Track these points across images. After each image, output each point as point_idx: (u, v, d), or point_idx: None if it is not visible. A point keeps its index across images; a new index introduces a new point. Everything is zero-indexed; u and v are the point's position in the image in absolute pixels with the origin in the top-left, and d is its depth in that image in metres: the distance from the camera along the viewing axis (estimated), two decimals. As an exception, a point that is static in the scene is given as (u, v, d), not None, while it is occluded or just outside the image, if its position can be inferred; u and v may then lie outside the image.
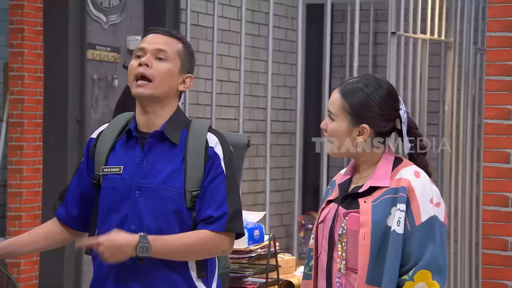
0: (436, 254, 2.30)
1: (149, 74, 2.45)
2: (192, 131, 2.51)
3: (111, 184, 2.47)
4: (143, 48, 2.48)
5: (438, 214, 2.33)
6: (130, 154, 2.48)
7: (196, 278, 2.49)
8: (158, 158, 2.47)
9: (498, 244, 3.59)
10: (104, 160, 2.50)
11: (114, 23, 5.58)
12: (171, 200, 2.44)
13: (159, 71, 2.46)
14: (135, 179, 2.45)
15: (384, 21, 6.42)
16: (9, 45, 5.24)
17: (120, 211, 2.45)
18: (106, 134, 2.54)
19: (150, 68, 2.45)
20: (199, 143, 2.48)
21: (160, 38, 2.49)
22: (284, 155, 6.88)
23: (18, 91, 5.21)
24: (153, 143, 2.48)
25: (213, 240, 2.45)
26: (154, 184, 2.45)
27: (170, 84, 2.48)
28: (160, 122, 2.49)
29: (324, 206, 2.46)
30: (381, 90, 2.40)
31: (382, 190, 2.35)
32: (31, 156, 5.22)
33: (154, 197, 2.44)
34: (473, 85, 6.21)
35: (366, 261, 2.31)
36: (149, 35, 2.52)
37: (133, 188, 2.45)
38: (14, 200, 5.20)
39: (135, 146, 2.49)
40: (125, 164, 2.47)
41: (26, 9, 5.15)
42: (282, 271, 4.07)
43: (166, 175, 2.45)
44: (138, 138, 2.48)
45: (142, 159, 2.47)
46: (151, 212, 2.44)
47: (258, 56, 6.57)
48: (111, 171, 2.48)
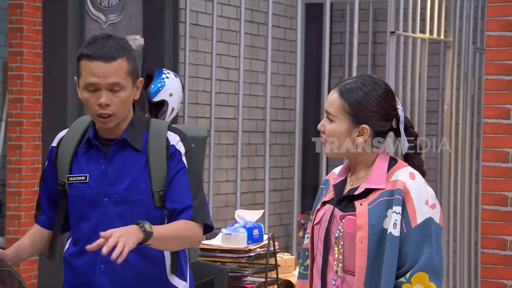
0: (432, 256, 2.30)
1: (111, 112, 2.47)
2: (152, 133, 2.54)
3: (78, 192, 2.52)
4: (96, 84, 2.46)
5: (433, 215, 2.33)
6: (93, 162, 2.52)
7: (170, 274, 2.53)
8: (122, 164, 2.51)
9: (497, 244, 3.58)
10: (68, 168, 2.54)
11: (113, 23, 5.58)
12: (139, 203, 2.49)
13: (118, 104, 2.47)
14: (102, 186, 2.50)
15: (383, 20, 6.41)
16: (8, 44, 5.23)
17: (90, 219, 2.48)
18: (66, 142, 2.57)
19: (110, 105, 2.46)
20: (160, 143, 2.52)
21: (107, 68, 2.45)
22: (283, 155, 6.88)
23: (17, 90, 5.21)
24: (116, 150, 2.52)
25: (193, 228, 2.48)
26: (121, 189, 2.49)
27: (128, 106, 2.51)
28: (119, 131, 2.52)
29: (320, 208, 2.46)
30: (379, 89, 2.40)
31: (378, 192, 2.35)
32: (30, 156, 5.22)
33: (123, 202, 2.49)
34: (472, 84, 6.21)
35: (364, 264, 2.31)
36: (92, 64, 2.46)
37: (101, 196, 2.50)
38: (13, 200, 5.20)
39: (98, 154, 2.53)
40: (89, 172, 2.52)
41: (25, 9, 5.15)
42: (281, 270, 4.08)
43: (131, 179, 2.49)
44: (99, 146, 2.52)
45: (107, 166, 2.51)
46: (121, 217, 2.48)
47: (257, 55, 6.56)
48: (76, 180, 2.52)
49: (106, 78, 2.45)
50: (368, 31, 6.96)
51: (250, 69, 6.49)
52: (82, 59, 2.49)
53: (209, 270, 3.75)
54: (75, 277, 2.53)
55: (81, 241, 2.50)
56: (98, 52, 2.46)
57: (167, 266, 2.53)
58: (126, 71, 2.47)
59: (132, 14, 5.72)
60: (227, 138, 6.33)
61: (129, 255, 2.36)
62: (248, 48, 6.35)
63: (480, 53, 6.23)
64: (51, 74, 5.24)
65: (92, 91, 2.47)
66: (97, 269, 2.49)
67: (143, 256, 2.50)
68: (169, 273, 2.53)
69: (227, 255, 3.86)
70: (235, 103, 6.19)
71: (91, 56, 2.46)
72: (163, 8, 5.76)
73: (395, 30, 5.48)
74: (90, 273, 2.50)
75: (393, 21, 5.56)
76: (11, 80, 5.22)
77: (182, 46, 5.84)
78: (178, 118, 5.59)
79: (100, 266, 2.49)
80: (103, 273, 2.48)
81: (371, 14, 6.97)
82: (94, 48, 2.47)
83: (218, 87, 6.21)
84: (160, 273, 2.52)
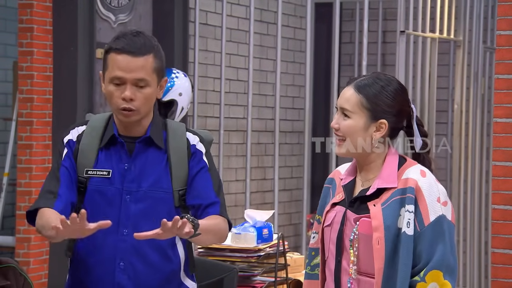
0: (446, 253, 2.30)
1: (134, 107, 2.47)
2: (171, 132, 2.55)
3: (98, 188, 2.50)
4: (122, 78, 2.45)
5: (445, 213, 2.33)
6: (116, 159, 2.50)
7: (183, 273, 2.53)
8: (145, 162, 2.50)
9: (507, 243, 3.58)
10: (91, 163, 2.51)
11: (123, 22, 5.58)
12: (162, 201, 2.49)
13: (143, 100, 2.47)
14: (125, 183, 2.48)
15: (393, 19, 6.40)
16: (18, 44, 5.25)
17: (108, 216, 2.44)
18: (87, 137, 2.54)
19: (135, 100, 2.46)
20: (181, 142, 2.53)
21: (134, 62, 2.44)
22: (293, 154, 6.87)
23: (27, 90, 5.22)
24: (140, 148, 2.51)
25: (223, 223, 2.51)
26: (144, 187, 2.49)
27: (152, 103, 2.51)
28: (142, 129, 2.52)
29: (329, 209, 2.44)
30: (393, 84, 2.40)
31: (390, 192, 2.34)
32: (40, 155, 5.23)
33: (146, 200, 2.48)
34: (482, 83, 6.19)
35: (381, 265, 2.30)
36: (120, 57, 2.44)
37: (123, 193, 2.48)
38: (23, 199, 5.22)
39: (121, 151, 2.51)
40: (112, 169, 2.50)
41: (35, 8, 5.16)
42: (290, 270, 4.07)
43: (154, 178, 2.49)
44: (124, 143, 2.51)
45: (130, 164, 2.50)
46: (144, 215, 2.47)
47: (267, 55, 6.56)
48: (97, 174, 2.50)
49: (132, 72, 2.44)
50: (378, 30, 6.94)
51: (260, 69, 6.49)
52: (110, 52, 2.47)
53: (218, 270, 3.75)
54: (87, 273, 2.50)
55: (98, 237, 2.44)
56: (127, 47, 2.45)
57: (181, 265, 2.53)
58: (152, 68, 2.47)
59: (142, 13, 5.73)
60: (237, 138, 6.33)
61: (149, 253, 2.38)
62: (258, 48, 6.35)
63: (491, 52, 6.21)
64: (61, 73, 5.25)
65: (117, 85, 2.46)
66: (116, 266, 2.47)
67: (162, 254, 2.49)
68: (182, 273, 2.53)
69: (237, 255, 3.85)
70: (245, 103, 6.19)
71: (119, 49, 2.45)
72: (172, 8, 5.77)
73: (405, 29, 5.47)
74: (107, 270, 2.47)
75: (403, 20, 5.54)
76: (21, 80, 5.24)
77: (191, 45, 5.85)
78: (187, 118, 5.60)
79: (119, 264, 2.47)
80: (122, 271, 2.46)
81: (381, 13, 6.95)
82: (123, 42, 2.46)
83: (228, 86, 6.21)
84: (176, 272, 2.52)
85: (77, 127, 2.59)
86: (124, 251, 2.46)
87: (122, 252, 2.46)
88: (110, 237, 2.44)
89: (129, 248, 2.46)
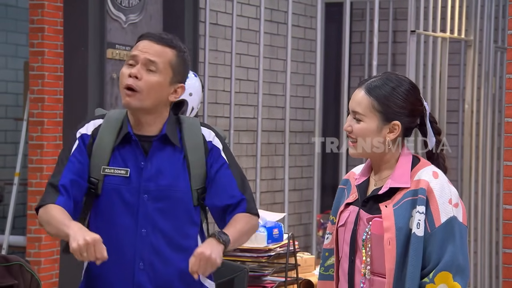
0: (455, 255, 2.28)
1: (137, 86, 2.43)
2: (186, 129, 2.51)
3: (115, 186, 2.45)
4: (135, 56, 2.45)
5: (457, 214, 2.32)
6: (131, 157, 2.46)
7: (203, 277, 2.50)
8: (162, 161, 2.46)
9: (518, 244, 3.56)
10: (106, 161, 2.46)
11: (134, 22, 5.60)
12: (180, 200, 2.45)
13: (148, 83, 2.43)
14: (142, 182, 2.44)
15: (404, 19, 6.39)
16: (29, 44, 5.27)
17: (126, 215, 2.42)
18: (103, 133, 2.49)
19: (139, 80, 2.43)
20: (197, 139, 2.50)
21: (152, 47, 2.45)
22: (303, 154, 6.87)
23: (38, 90, 5.24)
24: (157, 146, 2.47)
25: (251, 220, 2.47)
26: (162, 186, 2.45)
27: (158, 95, 2.46)
28: (154, 129, 2.48)
29: (343, 209, 2.44)
30: (405, 84, 2.38)
31: (402, 193, 2.33)
32: (51, 155, 5.25)
33: (163, 199, 2.44)
34: (493, 83, 6.17)
35: (393, 266, 2.29)
36: (142, 42, 2.47)
37: (141, 192, 2.44)
38: (34, 199, 5.23)
39: (136, 149, 2.47)
40: (128, 167, 2.46)
41: (46, 9, 5.17)
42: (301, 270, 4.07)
43: (172, 176, 2.46)
44: (138, 142, 2.47)
45: (146, 162, 2.46)
46: (162, 214, 2.44)
47: (277, 55, 6.56)
48: (115, 173, 2.45)
49: (146, 53, 2.44)
50: (388, 30, 6.93)
51: (270, 69, 6.49)
52: (137, 41, 2.50)
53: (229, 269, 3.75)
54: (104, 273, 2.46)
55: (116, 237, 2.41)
56: (152, 35, 2.47)
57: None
58: (169, 60, 2.45)
59: (152, 13, 5.74)
60: (247, 138, 6.33)
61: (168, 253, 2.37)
62: (268, 48, 6.34)
63: (502, 52, 6.19)
64: (72, 73, 5.26)
65: (130, 65, 2.45)
66: (136, 266, 2.44)
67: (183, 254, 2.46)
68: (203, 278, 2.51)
69: (247, 255, 3.85)
70: (255, 103, 6.18)
71: (145, 36, 2.48)
72: (183, 8, 5.77)
73: (416, 29, 5.46)
74: (126, 270, 2.44)
75: (413, 20, 5.53)
76: (32, 80, 5.25)
77: (201, 45, 5.85)
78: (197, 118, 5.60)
79: (139, 264, 2.44)
80: (142, 271, 2.44)
81: (391, 13, 6.94)
82: (152, 33, 2.50)
83: (238, 86, 6.21)
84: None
85: (93, 120, 2.55)
86: (143, 251, 2.43)
87: (141, 252, 2.43)
88: (129, 237, 2.41)
89: (149, 248, 2.44)
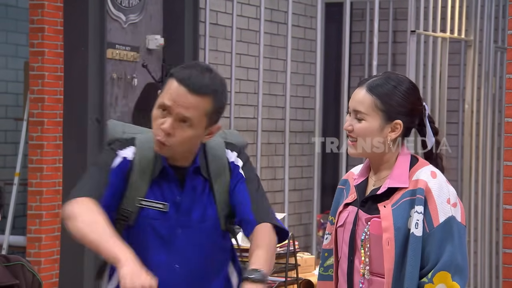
0: (454, 254, 2.28)
1: (168, 143, 2.31)
2: (210, 155, 2.43)
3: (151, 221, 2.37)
4: (169, 107, 2.28)
5: (455, 214, 2.32)
6: (168, 190, 2.38)
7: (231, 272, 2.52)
8: (194, 193, 2.40)
9: (518, 244, 3.56)
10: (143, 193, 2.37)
11: (134, 22, 5.60)
12: (210, 229, 2.41)
13: (181, 138, 2.31)
14: (180, 217, 2.38)
15: (404, 19, 6.39)
16: (29, 44, 5.27)
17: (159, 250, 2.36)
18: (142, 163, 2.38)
19: (172, 136, 2.30)
20: (222, 165, 2.42)
21: (188, 99, 2.27)
22: (303, 154, 6.87)
23: (38, 90, 5.24)
24: (190, 178, 2.40)
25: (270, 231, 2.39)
26: (194, 219, 2.39)
27: (192, 143, 2.36)
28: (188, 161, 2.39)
29: (342, 209, 2.44)
30: (405, 83, 2.39)
31: (401, 193, 2.33)
32: (51, 155, 5.25)
33: (194, 231, 2.39)
34: (493, 83, 6.17)
35: (391, 266, 2.29)
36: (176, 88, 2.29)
37: (178, 227, 2.38)
38: (34, 199, 5.23)
39: (171, 182, 2.39)
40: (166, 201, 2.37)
41: (46, 9, 5.17)
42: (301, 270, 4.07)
43: (201, 207, 2.40)
44: (174, 175, 2.38)
45: (182, 196, 2.38)
46: (195, 246, 2.39)
47: (277, 55, 6.56)
48: (153, 206, 2.37)
49: (180, 107, 2.28)
50: (388, 30, 6.94)
51: (270, 69, 6.49)
52: (172, 78, 2.32)
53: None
54: None
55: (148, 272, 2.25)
56: (187, 80, 2.29)
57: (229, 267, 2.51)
58: (205, 111, 2.31)
59: (152, 14, 5.74)
60: (247, 138, 6.33)
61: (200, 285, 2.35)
62: (268, 48, 6.35)
63: (502, 52, 6.19)
64: (72, 73, 5.26)
65: (163, 112, 2.31)
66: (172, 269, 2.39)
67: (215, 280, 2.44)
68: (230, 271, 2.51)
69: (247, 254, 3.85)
70: (255, 103, 6.19)
71: (179, 79, 2.29)
72: (183, 8, 5.77)
73: (416, 29, 5.46)
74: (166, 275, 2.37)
75: (413, 20, 5.53)
76: (32, 80, 5.25)
77: (202, 45, 5.85)
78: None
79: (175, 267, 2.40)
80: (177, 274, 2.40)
81: (391, 13, 6.94)
82: (187, 73, 2.30)
83: (238, 86, 6.21)
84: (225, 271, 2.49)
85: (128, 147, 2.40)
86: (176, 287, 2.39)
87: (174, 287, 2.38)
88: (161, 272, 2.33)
89: (181, 283, 2.39)
